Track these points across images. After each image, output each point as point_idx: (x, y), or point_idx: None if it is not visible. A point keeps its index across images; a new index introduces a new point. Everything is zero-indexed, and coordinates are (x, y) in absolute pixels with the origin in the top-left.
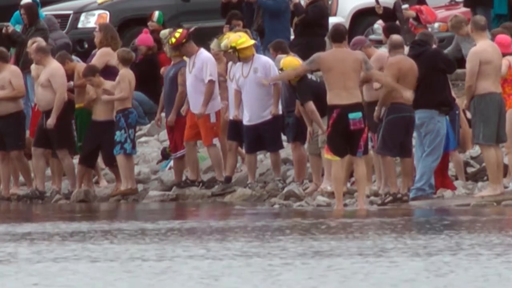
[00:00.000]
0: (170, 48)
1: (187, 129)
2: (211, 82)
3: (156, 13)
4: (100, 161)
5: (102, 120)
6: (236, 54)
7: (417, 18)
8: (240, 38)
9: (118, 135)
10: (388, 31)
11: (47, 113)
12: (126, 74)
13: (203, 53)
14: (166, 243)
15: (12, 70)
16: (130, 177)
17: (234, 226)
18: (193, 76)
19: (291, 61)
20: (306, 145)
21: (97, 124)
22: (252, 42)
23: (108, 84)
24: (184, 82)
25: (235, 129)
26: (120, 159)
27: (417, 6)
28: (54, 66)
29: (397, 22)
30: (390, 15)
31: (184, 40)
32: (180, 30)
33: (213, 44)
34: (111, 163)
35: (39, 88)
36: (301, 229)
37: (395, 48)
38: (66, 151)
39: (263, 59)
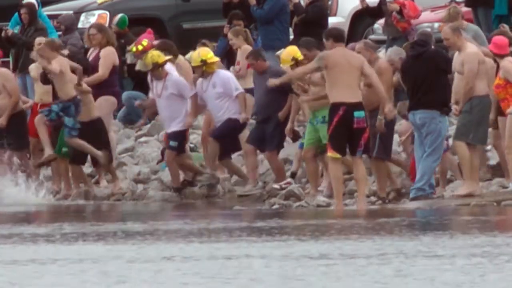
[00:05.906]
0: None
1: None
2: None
3: (118, 17)
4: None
5: (85, 121)
6: (204, 68)
7: (400, 12)
8: (209, 53)
9: (68, 120)
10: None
11: None
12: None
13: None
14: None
15: (2, 73)
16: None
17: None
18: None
19: (293, 49)
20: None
21: (81, 125)
22: (217, 59)
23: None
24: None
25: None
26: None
27: (401, 0)
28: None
29: (384, 19)
30: (376, 11)
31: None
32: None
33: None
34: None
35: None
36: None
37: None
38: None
39: (221, 74)
